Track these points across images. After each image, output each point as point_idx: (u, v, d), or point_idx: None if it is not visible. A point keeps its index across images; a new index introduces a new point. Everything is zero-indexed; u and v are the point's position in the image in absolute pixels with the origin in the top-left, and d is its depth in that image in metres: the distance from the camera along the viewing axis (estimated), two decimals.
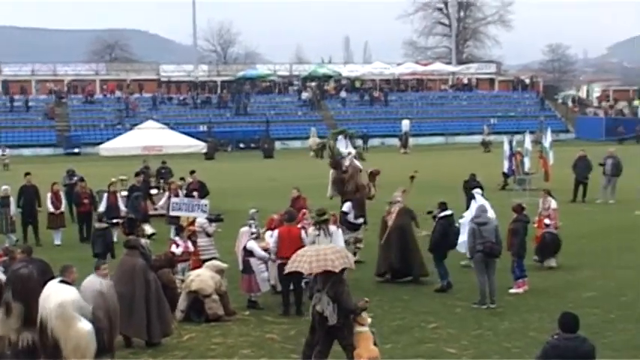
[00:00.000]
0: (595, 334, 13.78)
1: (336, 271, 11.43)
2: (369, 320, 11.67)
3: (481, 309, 15.63)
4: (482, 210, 16.58)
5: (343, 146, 21.85)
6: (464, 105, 78.03)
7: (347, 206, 20.13)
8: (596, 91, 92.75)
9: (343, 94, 76.09)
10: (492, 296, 15.92)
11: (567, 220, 22.87)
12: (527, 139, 32.66)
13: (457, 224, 17.79)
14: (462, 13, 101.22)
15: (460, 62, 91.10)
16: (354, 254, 18.67)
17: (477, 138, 63.46)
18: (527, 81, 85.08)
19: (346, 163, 21.16)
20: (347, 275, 12.19)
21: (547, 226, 19.22)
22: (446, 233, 16.98)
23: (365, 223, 20.37)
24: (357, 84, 78.95)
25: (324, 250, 11.90)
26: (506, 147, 33.56)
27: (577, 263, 19.45)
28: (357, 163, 21.34)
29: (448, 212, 17.20)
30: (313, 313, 11.62)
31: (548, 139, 32.48)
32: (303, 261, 11.82)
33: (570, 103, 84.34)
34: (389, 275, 18.13)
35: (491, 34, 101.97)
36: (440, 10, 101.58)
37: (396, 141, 63.43)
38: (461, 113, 75.76)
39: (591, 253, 20.51)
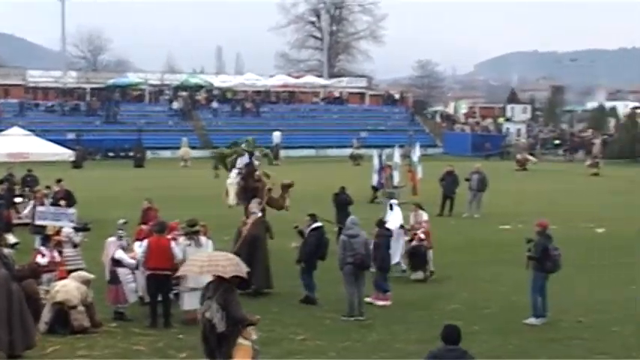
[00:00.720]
0: None
1: (227, 277, 11.49)
2: (254, 337, 11.54)
3: (350, 321, 15.85)
4: (353, 222, 16.80)
5: (244, 160, 22.33)
6: (335, 118, 78.87)
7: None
8: (464, 108, 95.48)
9: (215, 104, 75.69)
10: (361, 308, 16.18)
11: (434, 234, 23.43)
12: (397, 153, 33.35)
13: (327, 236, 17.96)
14: (334, 27, 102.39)
15: (332, 76, 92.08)
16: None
17: (348, 151, 64.21)
18: (397, 96, 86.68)
19: (258, 172, 21.80)
20: None
21: (422, 240, 19.59)
22: (319, 245, 17.13)
23: None
24: (229, 95, 78.69)
25: (217, 257, 12.00)
26: (375, 160, 34.17)
27: (443, 276, 19.94)
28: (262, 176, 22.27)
29: (319, 224, 17.37)
30: (203, 321, 11.60)
31: (416, 154, 33.33)
32: (194, 264, 11.91)
33: (439, 119, 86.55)
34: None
35: (362, 49, 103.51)
36: (312, 23, 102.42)
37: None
38: (332, 126, 76.52)
39: (457, 265, 21.08)
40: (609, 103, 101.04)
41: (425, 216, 20.23)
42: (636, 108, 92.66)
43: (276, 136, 63.52)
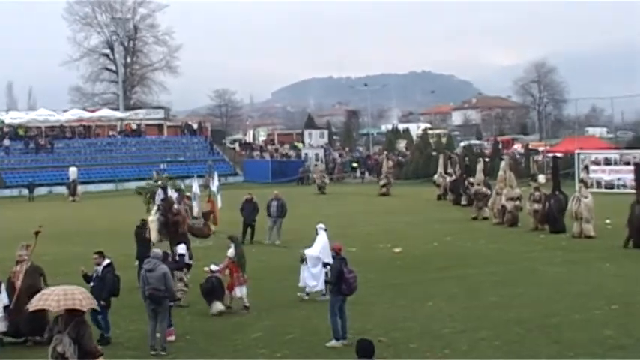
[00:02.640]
0: None
1: (84, 310, 11.59)
2: None
3: (150, 356, 15.47)
4: (154, 256, 16.49)
5: (160, 194, 21.84)
6: (133, 151, 77.60)
7: (182, 247, 20.31)
8: (262, 135, 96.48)
9: (7, 142, 72.51)
10: (163, 343, 15.82)
11: None
12: (195, 183, 33.02)
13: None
14: (128, 59, 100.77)
15: (128, 108, 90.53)
16: (179, 299, 18.75)
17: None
18: (196, 126, 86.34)
19: (175, 206, 21.07)
20: None
21: (212, 272, 19.31)
22: (112, 282, 16.61)
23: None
24: (21, 132, 75.55)
25: (72, 290, 11.79)
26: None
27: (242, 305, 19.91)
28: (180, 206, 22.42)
29: (107, 261, 16.75)
30: (54, 356, 11.41)
31: (215, 183, 33.20)
32: (50, 299, 11.58)
33: (238, 147, 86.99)
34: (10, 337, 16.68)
35: (158, 80, 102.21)
36: (106, 55, 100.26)
37: (64, 189, 61.60)
38: (130, 159, 75.24)
39: (258, 293, 21.07)
40: (403, 125, 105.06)
41: (230, 251, 19.94)
42: (428, 129, 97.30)
43: (73, 172, 61.57)
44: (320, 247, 20.05)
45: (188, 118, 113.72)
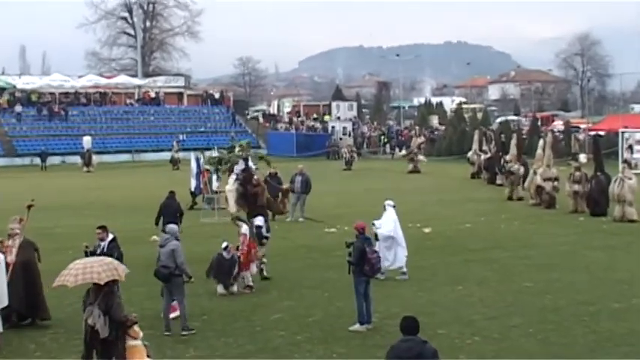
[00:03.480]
0: (282, 357, 14.28)
1: (101, 283, 11.90)
2: (141, 334, 12.21)
3: (164, 336, 15.56)
4: (169, 231, 16.57)
5: (241, 165, 22.24)
6: (151, 120, 77.95)
7: (260, 220, 20.92)
8: (288, 106, 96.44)
9: (18, 108, 72.99)
10: (182, 322, 15.92)
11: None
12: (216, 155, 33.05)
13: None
14: (147, 23, 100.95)
15: (147, 75, 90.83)
16: (261, 270, 20.14)
17: (166, 155, 63.54)
18: (217, 95, 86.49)
19: (255, 177, 21.78)
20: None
21: (225, 249, 19.14)
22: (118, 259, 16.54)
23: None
24: (34, 97, 76.06)
25: (92, 263, 12.24)
26: (193, 164, 33.86)
27: (264, 284, 19.96)
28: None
29: (111, 236, 16.65)
30: (85, 327, 12.02)
31: None
32: (69, 274, 12.02)
33: (261, 119, 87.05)
34: (15, 318, 16.46)
35: (179, 46, 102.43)
36: (124, 19, 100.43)
37: (78, 159, 61.98)
38: (148, 129, 75.64)
39: (281, 272, 21.13)
40: (436, 98, 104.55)
41: (244, 228, 20.04)
42: (462, 103, 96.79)
43: (87, 141, 61.91)
44: (393, 225, 20.30)
45: (209, 86, 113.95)
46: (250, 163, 22.51)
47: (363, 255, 15.97)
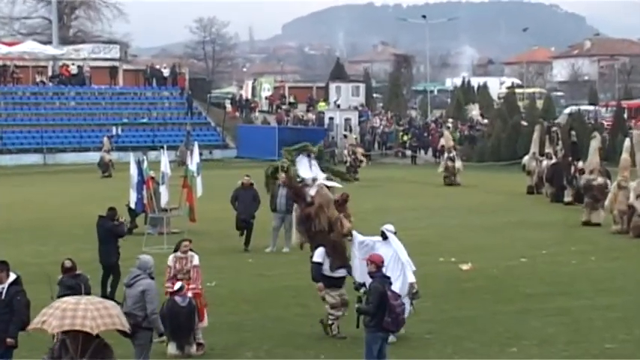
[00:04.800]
0: None
1: (93, 333, 12.00)
2: None
3: None
4: (140, 265, 16.76)
5: (305, 168, 21.80)
6: (72, 106, 77.94)
7: (319, 254, 20.08)
8: (267, 89, 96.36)
9: None
10: None
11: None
12: (165, 158, 33.06)
13: None
14: None
15: (65, 42, 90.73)
16: (330, 325, 19.44)
17: (93, 156, 63.42)
18: (167, 72, 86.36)
19: (311, 192, 20.99)
20: None
21: (176, 292, 19.05)
22: (22, 309, 16.48)
23: (350, 274, 19.97)
24: None
25: (103, 304, 12.55)
26: (133, 170, 33.83)
27: (235, 339, 20.01)
28: (326, 191, 21.30)
29: (12, 277, 16.50)
30: None
31: (195, 159, 33.22)
32: (83, 317, 12.05)
33: (229, 106, 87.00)
34: None
35: (112, 1, 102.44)
36: None
37: None
38: (67, 119, 75.59)
39: (256, 324, 21.18)
40: (478, 79, 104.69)
41: (196, 259, 19.94)
42: (516, 86, 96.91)
43: None
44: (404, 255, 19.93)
45: (155, 59, 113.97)
46: (310, 169, 22.16)
47: (384, 301, 16.00)
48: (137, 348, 16.09)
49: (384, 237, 19.93)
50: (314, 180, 21.61)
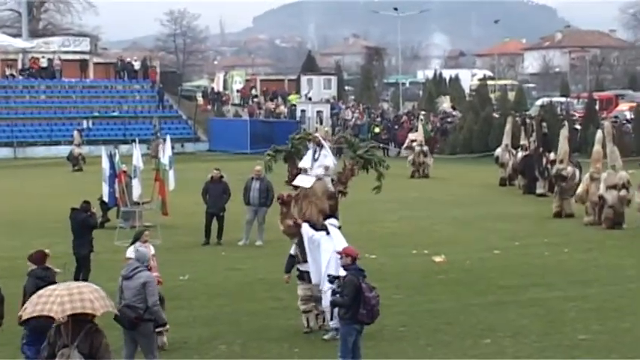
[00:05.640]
0: None
1: (98, 314, 12.33)
2: None
3: None
4: (138, 256, 16.72)
5: (308, 157, 21.57)
6: (42, 100, 77.79)
7: (294, 247, 20.29)
8: (238, 82, 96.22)
9: None
10: None
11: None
12: (137, 151, 33.00)
13: None
14: None
15: (35, 34, 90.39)
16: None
17: (64, 150, 63.33)
18: (137, 65, 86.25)
19: (305, 181, 21.05)
20: None
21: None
22: None
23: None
24: None
25: (79, 288, 12.50)
26: (105, 164, 33.72)
27: (208, 332, 20.00)
28: (318, 183, 21.14)
29: None
30: None
31: (167, 152, 33.17)
32: (51, 302, 12.15)
33: (201, 99, 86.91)
34: None
35: None
36: None
37: None
38: (37, 112, 75.47)
39: (225, 320, 21.15)
40: (449, 71, 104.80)
41: (152, 249, 19.90)
42: (487, 78, 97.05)
43: None
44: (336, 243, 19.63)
45: (126, 52, 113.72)
46: (313, 159, 21.85)
47: (359, 293, 16.02)
48: (143, 340, 15.99)
49: (327, 232, 19.72)
50: (326, 168, 21.53)
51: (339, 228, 20.07)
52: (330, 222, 19.98)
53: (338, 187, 21.55)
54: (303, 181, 21.20)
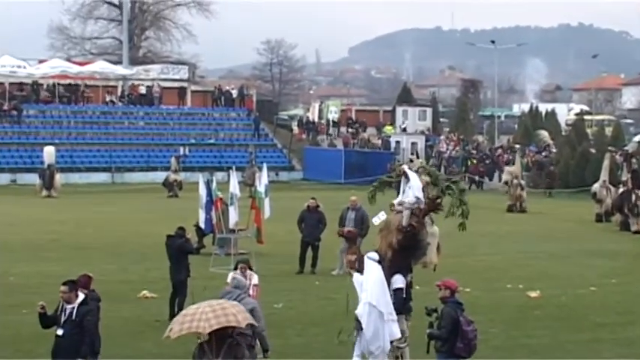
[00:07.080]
0: None
1: (242, 325, 13.22)
2: None
3: None
4: (236, 285, 16.88)
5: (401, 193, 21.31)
6: (140, 126, 78.52)
7: (400, 280, 19.52)
8: (333, 112, 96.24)
9: None
10: None
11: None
12: (234, 179, 33.18)
13: None
14: None
15: (135, 62, 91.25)
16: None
17: (160, 175, 63.76)
18: (235, 93, 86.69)
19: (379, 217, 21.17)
20: None
21: None
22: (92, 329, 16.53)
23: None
24: None
25: (221, 304, 13.32)
26: (202, 190, 33.93)
27: None
28: (392, 217, 20.88)
29: (81, 297, 16.46)
30: None
31: (263, 181, 33.29)
32: (197, 319, 12.85)
33: (296, 128, 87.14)
34: None
35: (181, 22, 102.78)
36: None
37: (35, 178, 62.42)
38: (135, 139, 76.14)
39: (319, 349, 21.17)
40: (545, 105, 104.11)
41: (255, 279, 20.02)
42: (584, 113, 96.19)
43: (49, 153, 62.21)
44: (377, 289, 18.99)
45: (223, 80, 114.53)
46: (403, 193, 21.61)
47: (456, 327, 15.93)
48: None
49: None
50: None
51: (379, 262, 19.06)
52: (369, 256, 19.12)
53: (411, 221, 20.62)
54: (379, 216, 21.15)
